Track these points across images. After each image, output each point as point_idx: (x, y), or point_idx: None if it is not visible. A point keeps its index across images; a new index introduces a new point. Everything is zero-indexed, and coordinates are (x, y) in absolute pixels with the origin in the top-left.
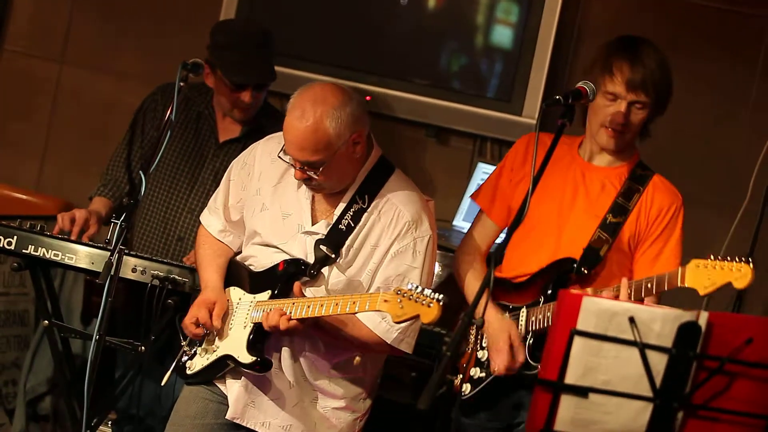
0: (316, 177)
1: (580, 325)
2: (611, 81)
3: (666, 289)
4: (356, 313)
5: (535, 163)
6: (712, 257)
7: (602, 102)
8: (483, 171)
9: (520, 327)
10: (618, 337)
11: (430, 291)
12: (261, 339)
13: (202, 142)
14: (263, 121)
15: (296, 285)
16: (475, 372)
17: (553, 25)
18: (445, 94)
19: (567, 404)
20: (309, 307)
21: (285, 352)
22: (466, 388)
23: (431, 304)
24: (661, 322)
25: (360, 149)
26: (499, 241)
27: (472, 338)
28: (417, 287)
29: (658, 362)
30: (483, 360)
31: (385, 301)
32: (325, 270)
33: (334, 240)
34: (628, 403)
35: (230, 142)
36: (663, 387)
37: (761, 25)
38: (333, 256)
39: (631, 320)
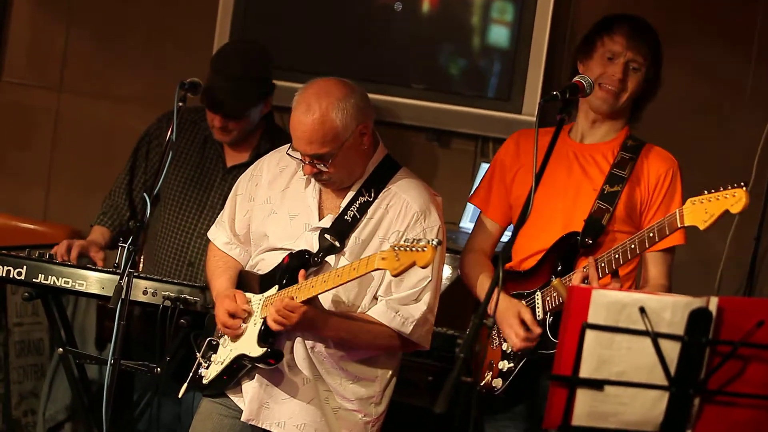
0: (326, 170)
1: (591, 319)
2: (611, 39)
3: (668, 233)
4: (357, 277)
5: (536, 159)
6: (705, 191)
7: (599, 62)
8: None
9: (537, 309)
10: (629, 328)
11: (426, 239)
12: (272, 332)
13: (209, 167)
14: (269, 145)
15: (301, 272)
16: (504, 365)
17: (547, 21)
18: (444, 97)
19: (583, 398)
20: (313, 286)
21: (298, 344)
22: (498, 382)
23: (425, 248)
24: (671, 310)
25: (367, 141)
26: (504, 239)
27: (494, 337)
28: (413, 239)
29: (671, 350)
30: (509, 352)
31: (383, 258)
32: (331, 260)
33: (339, 229)
34: (644, 393)
35: (238, 167)
36: (677, 375)
37: (753, 10)
38: (338, 245)
39: (642, 310)
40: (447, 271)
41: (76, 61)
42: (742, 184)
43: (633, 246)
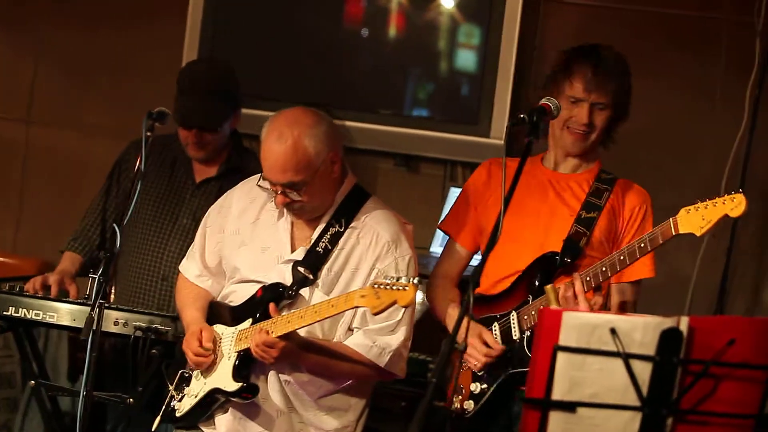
0: (299, 198)
1: (562, 341)
2: (571, 85)
3: (661, 242)
4: (335, 314)
5: (504, 184)
6: (699, 201)
7: (565, 104)
8: (456, 196)
9: (513, 329)
10: (601, 350)
11: (406, 277)
12: (246, 366)
13: (179, 185)
14: (237, 160)
15: (271, 305)
16: (476, 387)
17: (514, 44)
18: (412, 122)
19: (556, 420)
20: (289, 321)
21: (272, 376)
22: (469, 405)
23: (407, 287)
24: (642, 331)
25: (337, 169)
26: (474, 263)
27: (463, 359)
28: (392, 277)
29: (643, 371)
30: (481, 374)
31: (362, 296)
32: (305, 292)
33: (311, 262)
34: (617, 414)
35: (207, 181)
36: (650, 395)
37: (718, 26)
38: (311, 277)
39: (613, 331)
40: (419, 297)
41: (44, 92)
42: (741, 190)
43: (622, 257)
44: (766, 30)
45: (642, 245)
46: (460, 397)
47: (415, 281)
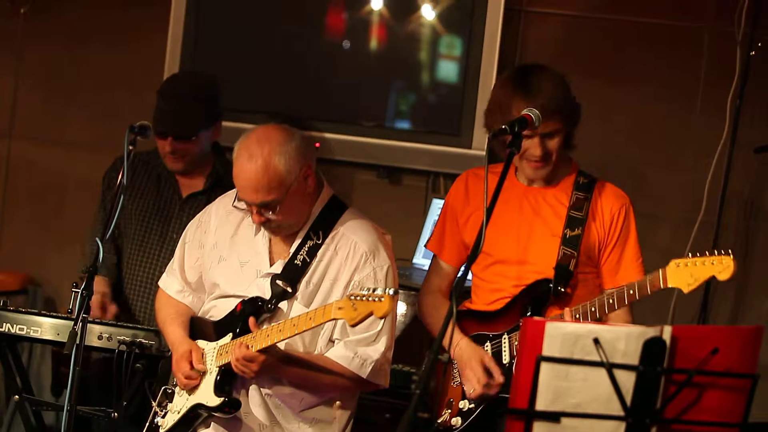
0: (274, 217)
1: (546, 351)
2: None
3: (649, 293)
4: (314, 327)
5: (486, 194)
6: (690, 255)
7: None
8: (438, 207)
9: (504, 353)
10: (584, 360)
11: (382, 288)
12: (228, 381)
13: (166, 200)
14: (222, 172)
15: (250, 320)
16: (464, 404)
17: (495, 55)
18: (394, 134)
19: (540, 431)
20: (268, 335)
21: (253, 390)
22: (457, 421)
23: (382, 299)
24: (625, 341)
25: (311, 183)
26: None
27: (455, 375)
28: (369, 289)
29: (627, 380)
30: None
31: (340, 308)
32: (284, 305)
33: (290, 275)
34: (601, 424)
35: (194, 195)
36: (634, 405)
37: (699, 36)
38: (290, 290)
39: (596, 341)
40: (402, 308)
41: (26, 107)
42: (730, 251)
43: (611, 301)
44: (746, 40)
45: (631, 292)
46: (450, 411)
47: (391, 291)
